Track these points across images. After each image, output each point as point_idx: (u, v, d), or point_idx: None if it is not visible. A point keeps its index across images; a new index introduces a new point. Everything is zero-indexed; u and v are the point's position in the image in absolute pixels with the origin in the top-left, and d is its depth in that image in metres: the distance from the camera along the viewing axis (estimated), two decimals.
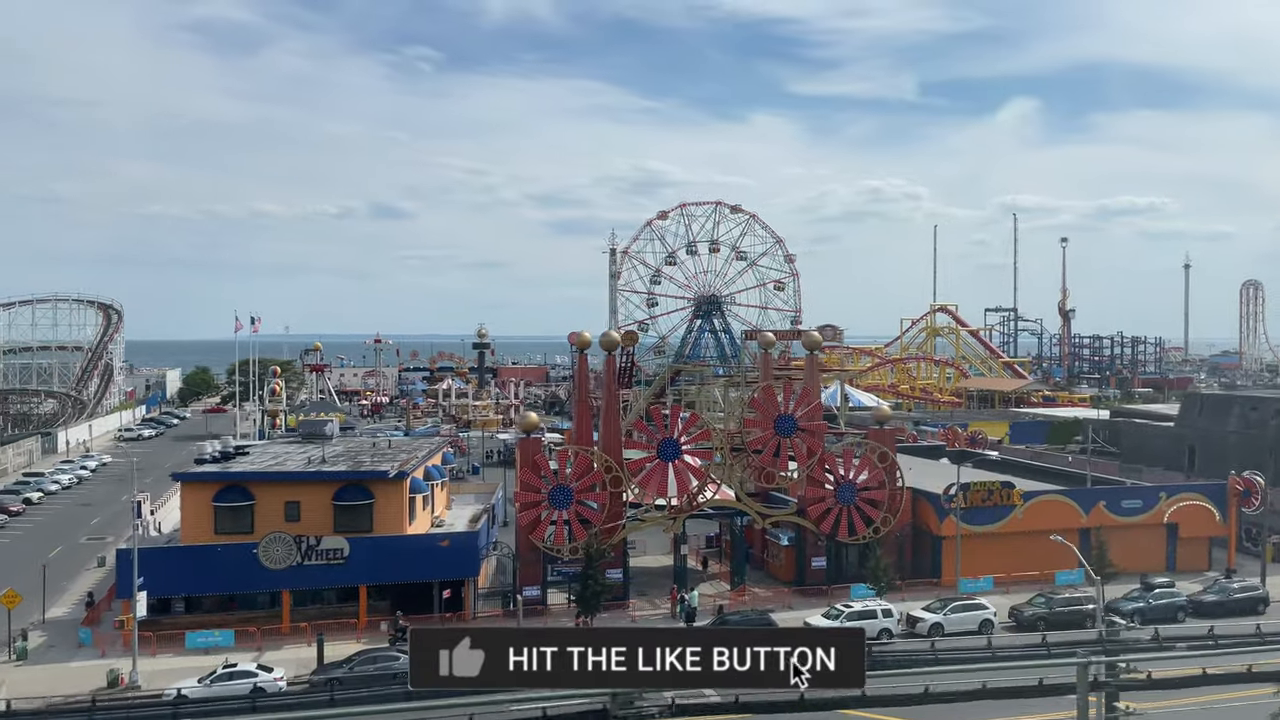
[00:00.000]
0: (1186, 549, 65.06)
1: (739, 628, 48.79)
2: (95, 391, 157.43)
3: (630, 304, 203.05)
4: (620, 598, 55.37)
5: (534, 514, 53.43)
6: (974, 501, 60.82)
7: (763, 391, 59.03)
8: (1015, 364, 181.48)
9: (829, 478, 58.45)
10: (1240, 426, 72.47)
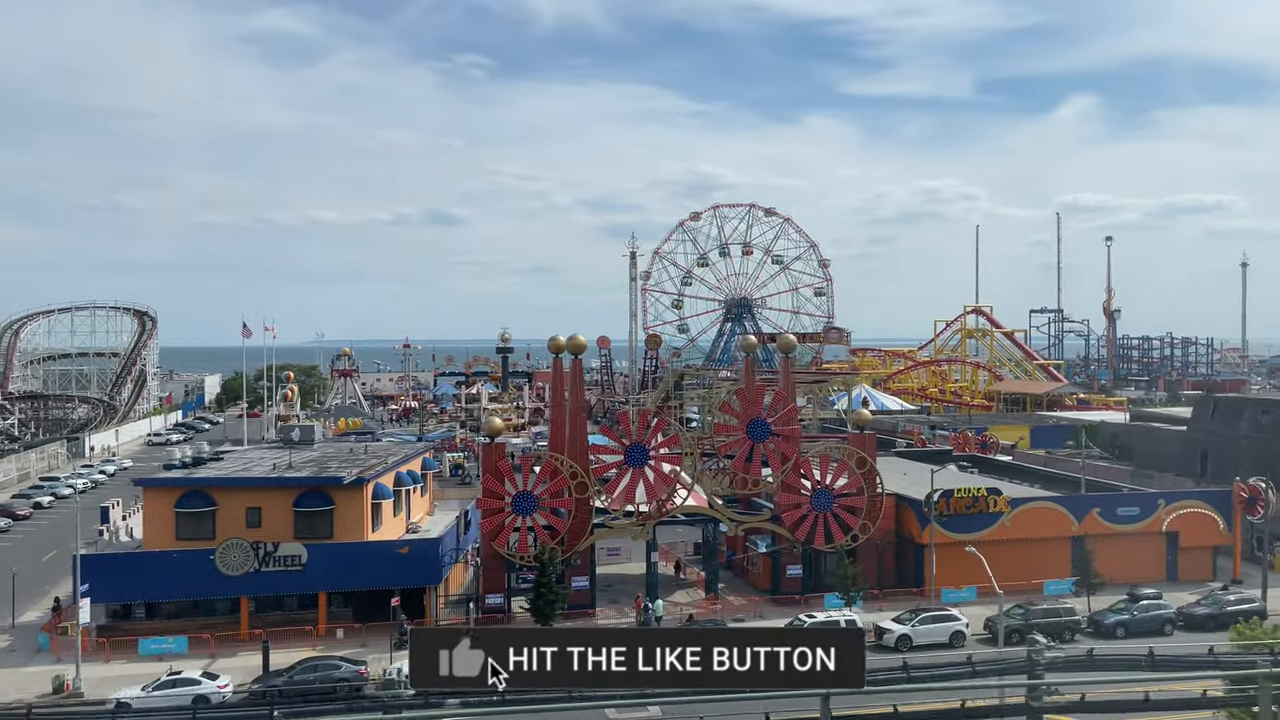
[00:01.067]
0: (1188, 559, 62.48)
1: None
2: (129, 397, 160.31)
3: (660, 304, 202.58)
4: (587, 605, 54.57)
5: (497, 520, 52.82)
6: (957, 509, 59.00)
7: (736, 395, 57.82)
8: (1050, 366, 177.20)
9: (805, 484, 57.06)
10: (1252, 430, 69.58)
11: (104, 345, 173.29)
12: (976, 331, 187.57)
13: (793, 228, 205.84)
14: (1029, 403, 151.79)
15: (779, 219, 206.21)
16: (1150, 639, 49.30)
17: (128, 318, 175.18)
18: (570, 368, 56.41)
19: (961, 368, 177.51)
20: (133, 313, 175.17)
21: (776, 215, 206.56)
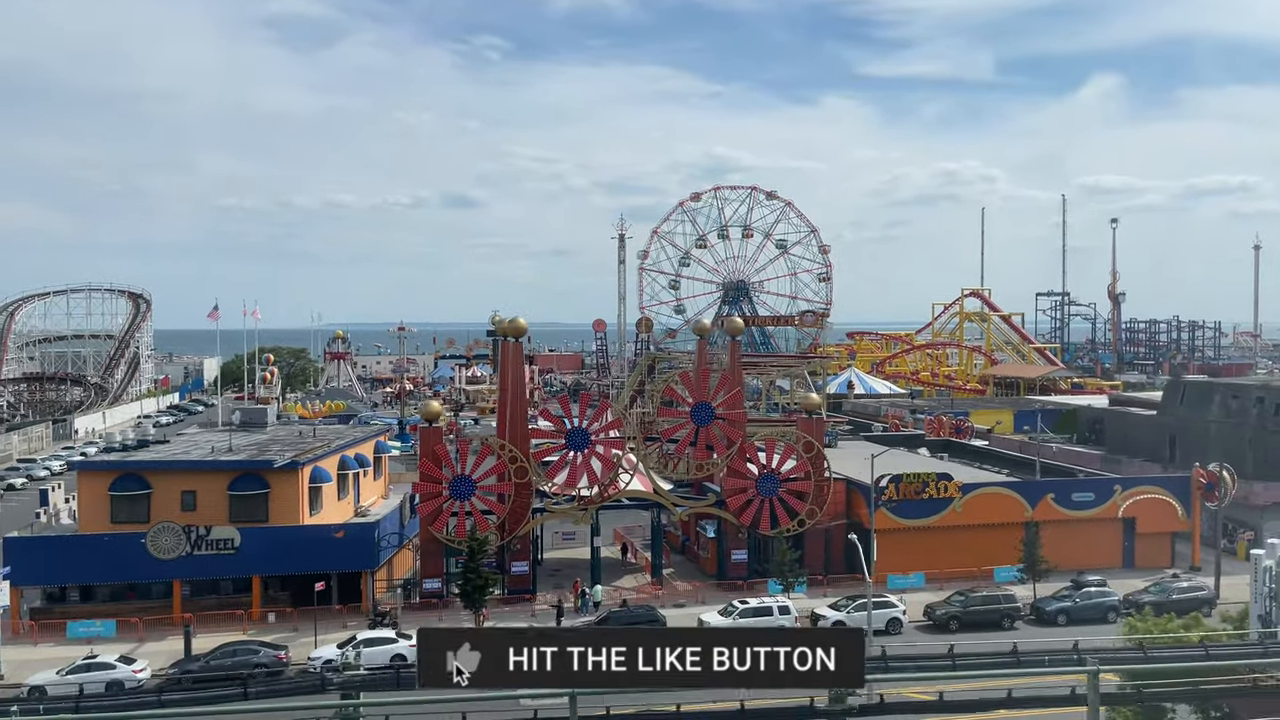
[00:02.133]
0: (1146, 545, 61.52)
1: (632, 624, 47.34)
2: (122, 379, 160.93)
3: (656, 284, 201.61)
4: (527, 590, 54.20)
5: (435, 505, 52.42)
6: (907, 494, 58.26)
7: (680, 379, 57.14)
8: (1046, 350, 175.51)
9: (750, 468, 56.41)
10: (1221, 415, 68.40)
11: (99, 328, 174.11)
12: (974, 315, 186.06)
13: (794, 212, 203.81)
14: (1022, 387, 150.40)
15: (780, 203, 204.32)
16: (1092, 627, 48.60)
17: (123, 300, 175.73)
18: (511, 350, 55.86)
19: (958, 351, 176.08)
20: (127, 295, 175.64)
21: (778, 199, 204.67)
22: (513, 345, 55.79)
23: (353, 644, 44.04)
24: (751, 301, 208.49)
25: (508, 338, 55.72)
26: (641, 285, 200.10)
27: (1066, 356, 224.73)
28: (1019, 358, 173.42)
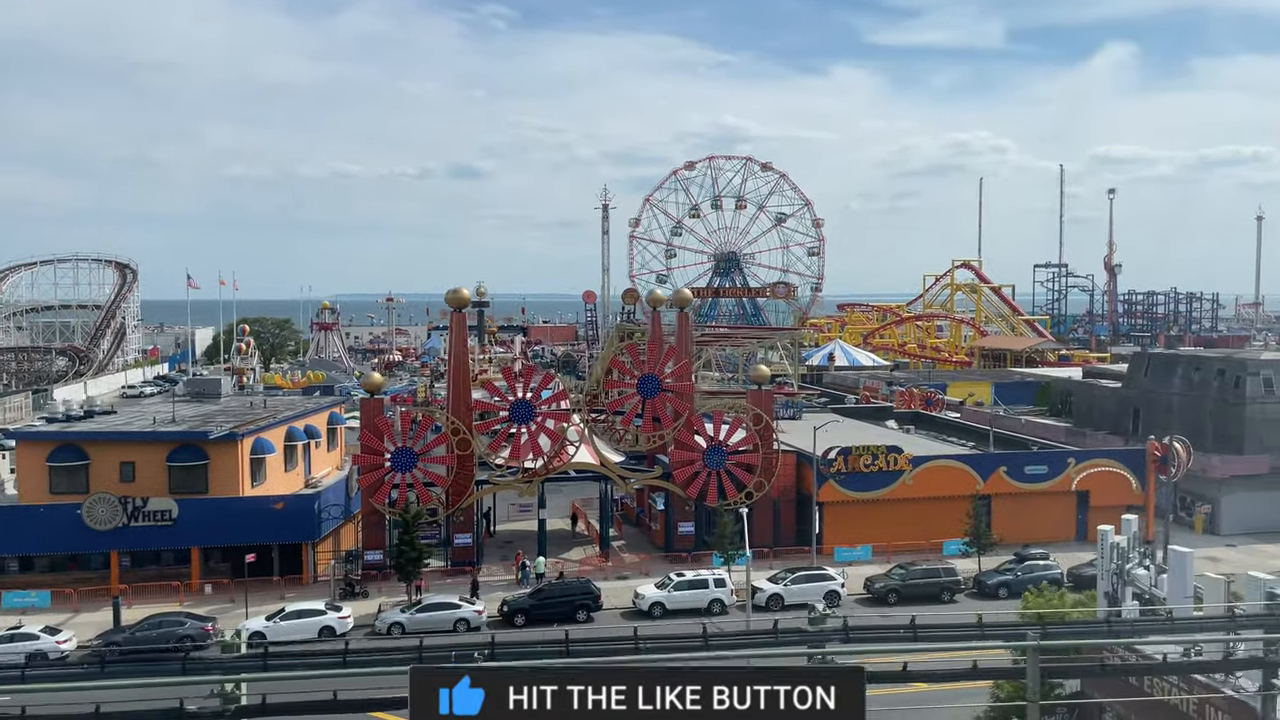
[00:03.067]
0: (1099, 518, 60.45)
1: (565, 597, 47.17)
2: (108, 349, 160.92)
3: (647, 253, 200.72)
4: (471, 561, 54.06)
5: (376, 477, 52.17)
6: (855, 466, 57.88)
7: (627, 350, 56.69)
8: (1035, 322, 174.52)
9: (698, 440, 56.03)
10: (1183, 388, 67.73)
11: (86, 298, 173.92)
12: (964, 286, 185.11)
13: (788, 184, 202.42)
14: (1009, 358, 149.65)
15: (775, 174, 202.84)
16: None
17: (110, 270, 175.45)
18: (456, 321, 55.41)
19: (949, 323, 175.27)
20: (114, 265, 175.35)
21: (773, 170, 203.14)
22: (458, 316, 55.30)
23: (280, 615, 44.02)
24: (743, 273, 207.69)
25: (454, 309, 55.20)
26: (632, 253, 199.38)
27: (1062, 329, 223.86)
28: (1009, 329, 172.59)
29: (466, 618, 44.75)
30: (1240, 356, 66.78)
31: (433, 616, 44.34)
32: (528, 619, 45.63)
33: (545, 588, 47.71)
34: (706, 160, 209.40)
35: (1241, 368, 63.43)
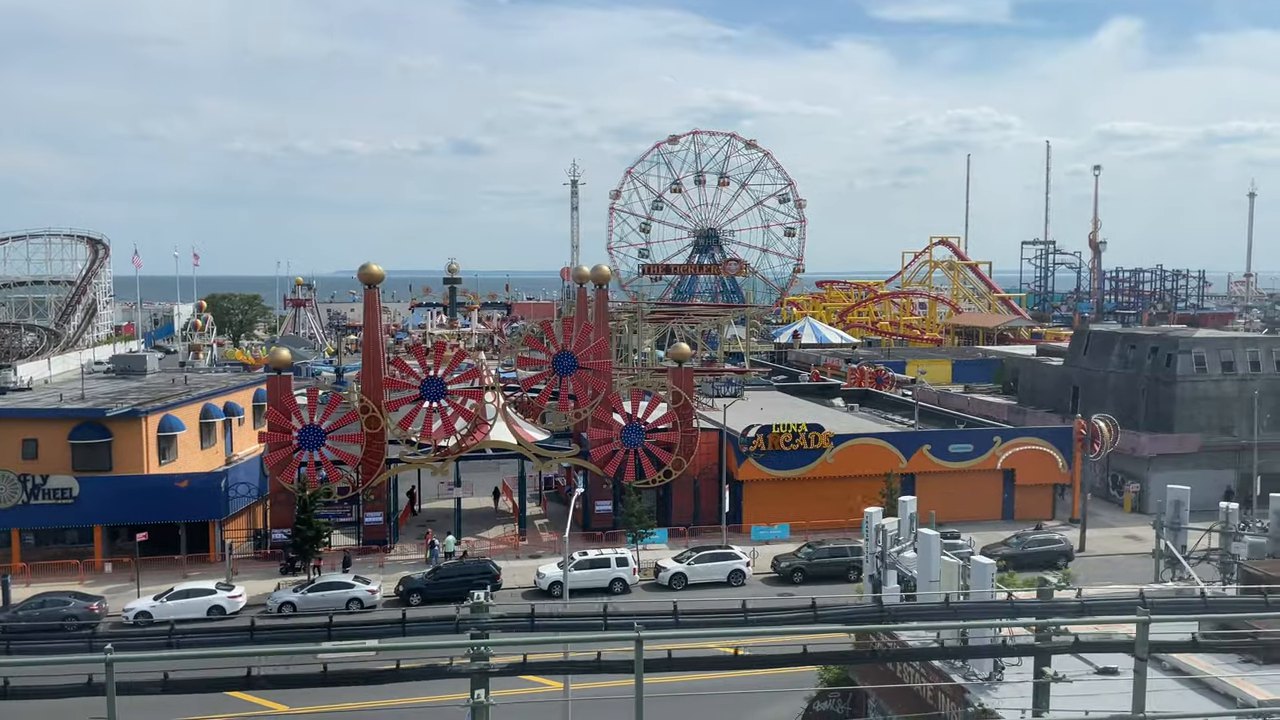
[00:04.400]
0: (1026, 497, 60.74)
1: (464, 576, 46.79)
2: (79, 325, 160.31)
3: (626, 226, 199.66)
4: (383, 541, 53.69)
5: (283, 455, 51.69)
6: (776, 445, 57.39)
7: (542, 327, 56.04)
8: (1011, 299, 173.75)
9: (615, 419, 55.49)
10: (1119, 366, 67.08)
11: (59, 273, 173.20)
12: (943, 264, 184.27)
13: (771, 163, 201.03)
14: (981, 335, 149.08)
15: (759, 153, 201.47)
16: None
17: (82, 246, 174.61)
18: (370, 298, 54.74)
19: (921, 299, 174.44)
20: (87, 241, 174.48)
21: (757, 148, 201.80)
22: (371, 293, 54.63)
23: (168, 595, 43.68)
24: (722, 249, 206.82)
25: (366, 285, 54.54)
26: (611, 225, 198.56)
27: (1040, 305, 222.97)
28: (985, 307, 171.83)
29: (360, 597, 44.41)
30: (1173, 334, 66.14)
31: (325, 596, 43.98)
32: (424, 598, 45.26)
33: (443, 567, 47.37)
34: (691, 135, 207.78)
35: (1173, 345, 62.78)
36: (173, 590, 44.14)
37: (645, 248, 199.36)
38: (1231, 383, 61.17)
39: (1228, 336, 66.96)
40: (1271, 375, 62.29)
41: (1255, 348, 62.97)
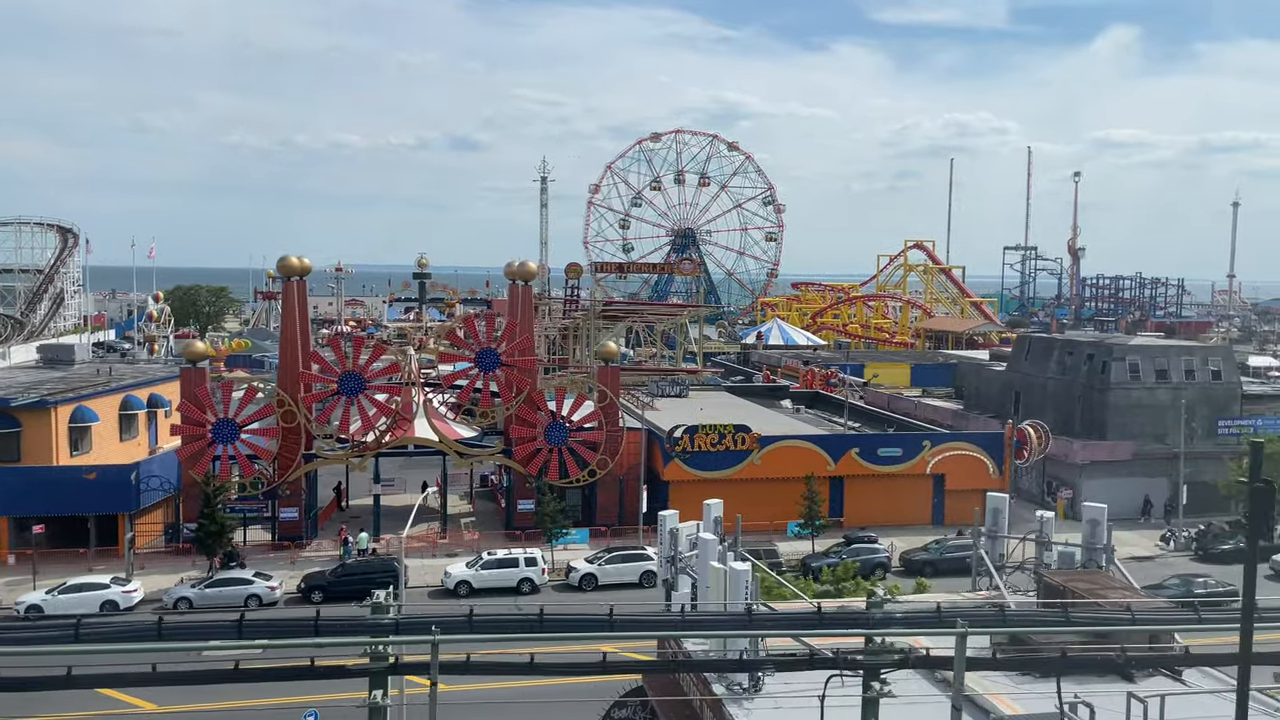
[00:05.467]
0: (957, 502, 60.09)
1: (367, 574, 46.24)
2: (45, 315, 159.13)
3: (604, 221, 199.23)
4: (298, 537, 53.06)
5: (196, 448, 51.02)
6: (703, 445, 56.88)
7: (465, 323, 55.49)
8: (984, 304, 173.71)
9: (539, 417, 54.93)
10: (1058, 372, 66.74)
11: (29, 262, 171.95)
12: (918, 267, 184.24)
13: (753, 166, 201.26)
14: (950, 340, 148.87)
15: (741, 155, 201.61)
16: None
17: (52, 234, 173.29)
18: (291, 291, 54.09)
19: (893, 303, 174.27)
20: (56, 229, 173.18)
21: (739, 151, 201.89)
22: (289, 285, 54.00)
23: (60, 589, 43.02)
24: (699, 249, 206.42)
25: (284, 277, 53.91)
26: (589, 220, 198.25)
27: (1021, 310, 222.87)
28: (957, 311, 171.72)
29: (259, 594, 43.78)
30: (1108, 341, 65.84)
31: (222, 592, 43.36)
32: (326, 596, 44.67)
33: (347, 565, 46.80)
34: (673, 134, 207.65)
35: (1108, 352, 62.44)
36: (65, 584, 43.45)
37: (622, 244, 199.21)
38: (1165, 390, 60.84)
39: (1162, 344, 66.65)
40: (1206, 384, 62.01)
41: (1190, 356, 62.66)
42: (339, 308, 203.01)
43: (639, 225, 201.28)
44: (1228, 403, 62.02)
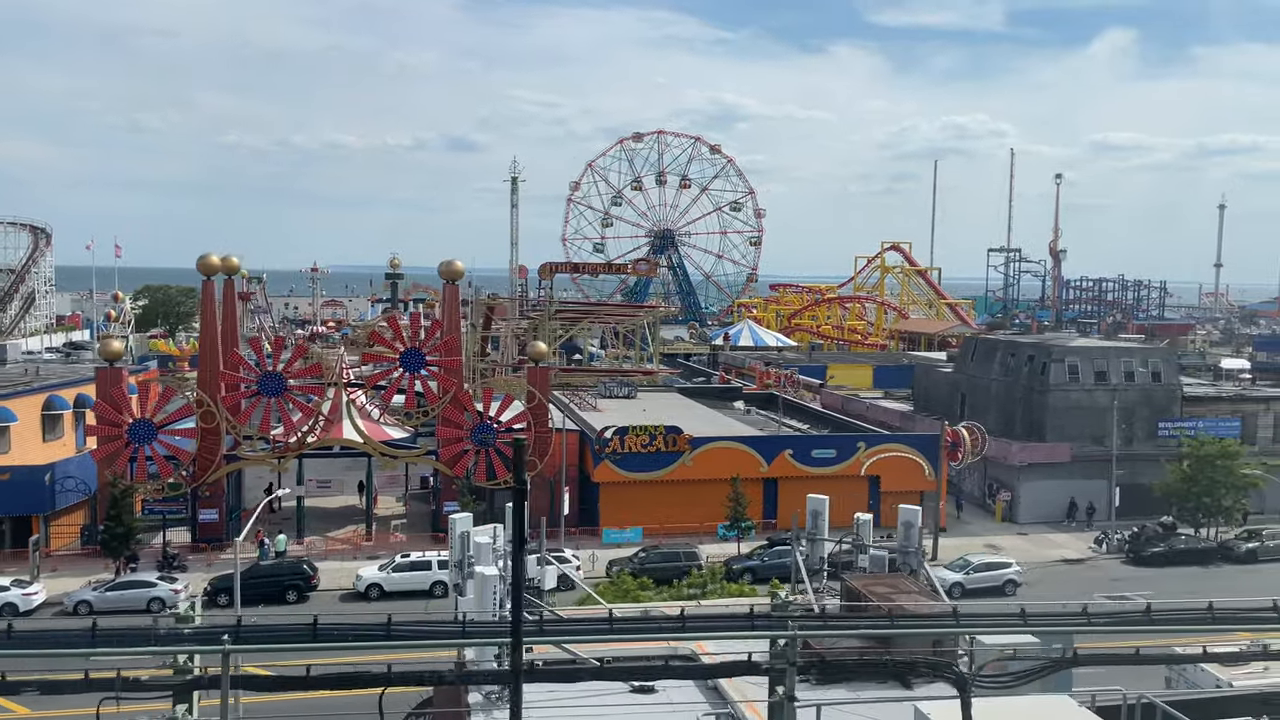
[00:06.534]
0: (893, 504, 59.27)
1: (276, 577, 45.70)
2: (15, 314, 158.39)
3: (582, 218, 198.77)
4: (219, 538, 52.41)
5: (112, 449, 50.35)
6: (633, 447, 56.34)
7: (388, 323, 54.94)
8: (958, 305, 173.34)
9: (464, 418, 54.32)
10: (1001, 374, 66.27)
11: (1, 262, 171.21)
12: (895, 269, 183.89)
13: (734, 170, 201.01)
14: (923, 341, 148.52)
15: (723, 159, 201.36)
16: None
17: (24, 234, 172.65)
18: (212, 289, 53.48)
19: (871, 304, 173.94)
20: (28, 228, 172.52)
21: (721, 154, 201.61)
22: (209, 284, 53.37)
23: None
24: (678, 251, 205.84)
25: (205, 275, 53.26)
26: (568, 217, 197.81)
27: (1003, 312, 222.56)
28: (933, 313, 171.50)
29: (161, 596, 43.13)
30: (1048, 343, 65.35)
31: (124, 595, 42.71)
32: (233, 599, 43.95)
33: (255, 567, 46.12)
34: (655, 134, 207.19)
35: (1047, 354, 61.95)
36: None
37: (600, 242, 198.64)
38: (1104, 392, 60.35)
39: (1102, 346, 66.19)
40: (1146, 385, 61.53)
41: (1130, 358, 62.19)
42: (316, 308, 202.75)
43: (618, 225, 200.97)
44: (1167, 405, 61.54)
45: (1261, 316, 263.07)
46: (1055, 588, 49.41)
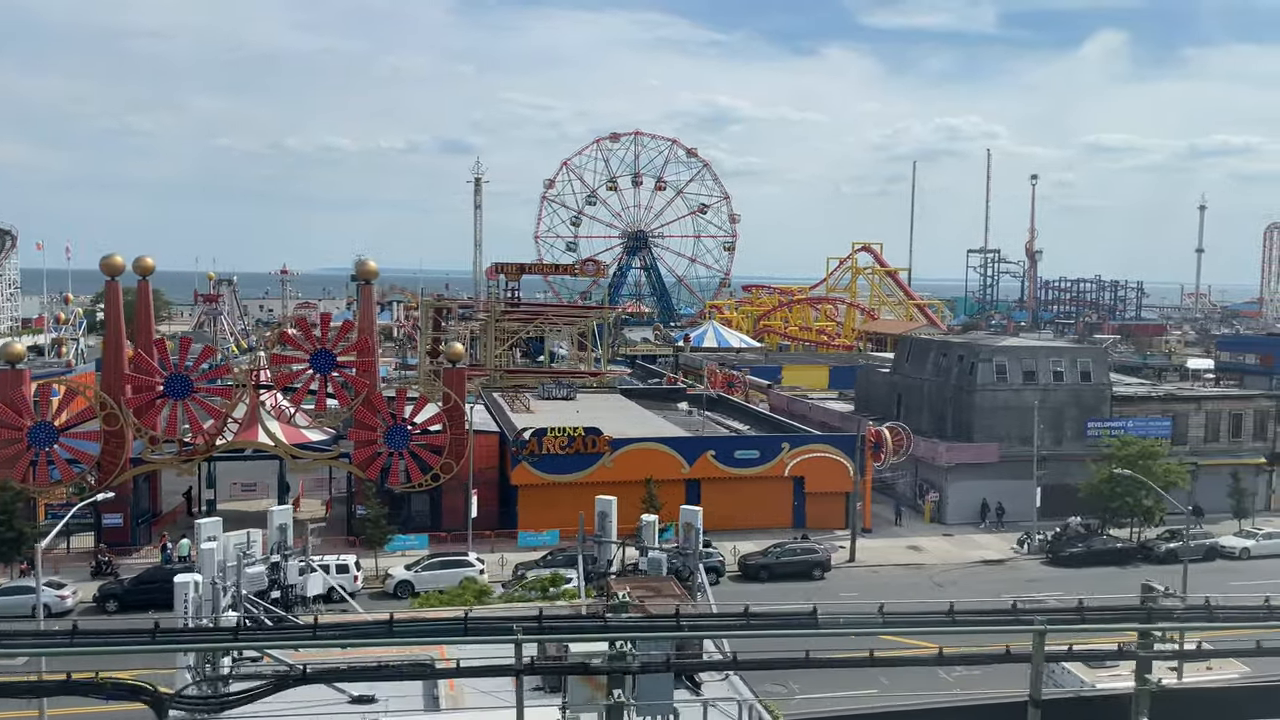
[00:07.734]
0: (818, 505, 59.13)
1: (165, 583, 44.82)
2: None
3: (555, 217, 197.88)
4: (126, 543, 51.60)
5: (12, 452, 49.52)
6: (552, 448, 55.63)
7: (298, 323, 54.19)
8: (926, 306, 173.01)
9: (377, 420, 53.57)
10: (933, 374, 65.69)
11: None
12: (866, 270, 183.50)
13: (710, 175, 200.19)
14: (889, 342, 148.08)
15: (699, 162, 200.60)
16: None
17: None
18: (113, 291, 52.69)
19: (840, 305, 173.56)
20: None
21: (697, 158, 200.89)
22: (112, 285, 52.58)
23: None
24: (651, 252, 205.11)
25: (109, 276, 52.43)
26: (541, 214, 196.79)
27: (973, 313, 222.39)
28: (903, 314, 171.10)
29: (48, 602, 42.22)
30: (977, 343, 64.83)
31: (8, 601, 41.86)
32: (121, 605, 43.27)
33: (145, 573, 45.32)
34: (633, 135, 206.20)
35: (975, 354, 61.41)
36: None
37: (573, 241, 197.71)
38: (1032, 392, 59.77)
39: (1030, 345, 65.69)
40: (1075, 385, 61.00)
41: (1059, 357, 61.65)
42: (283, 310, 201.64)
43: (593, 224, 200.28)
44: (1097, 404, 61.01)
45: (1242, 317, 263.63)
46: (968, 589, 48.80)
